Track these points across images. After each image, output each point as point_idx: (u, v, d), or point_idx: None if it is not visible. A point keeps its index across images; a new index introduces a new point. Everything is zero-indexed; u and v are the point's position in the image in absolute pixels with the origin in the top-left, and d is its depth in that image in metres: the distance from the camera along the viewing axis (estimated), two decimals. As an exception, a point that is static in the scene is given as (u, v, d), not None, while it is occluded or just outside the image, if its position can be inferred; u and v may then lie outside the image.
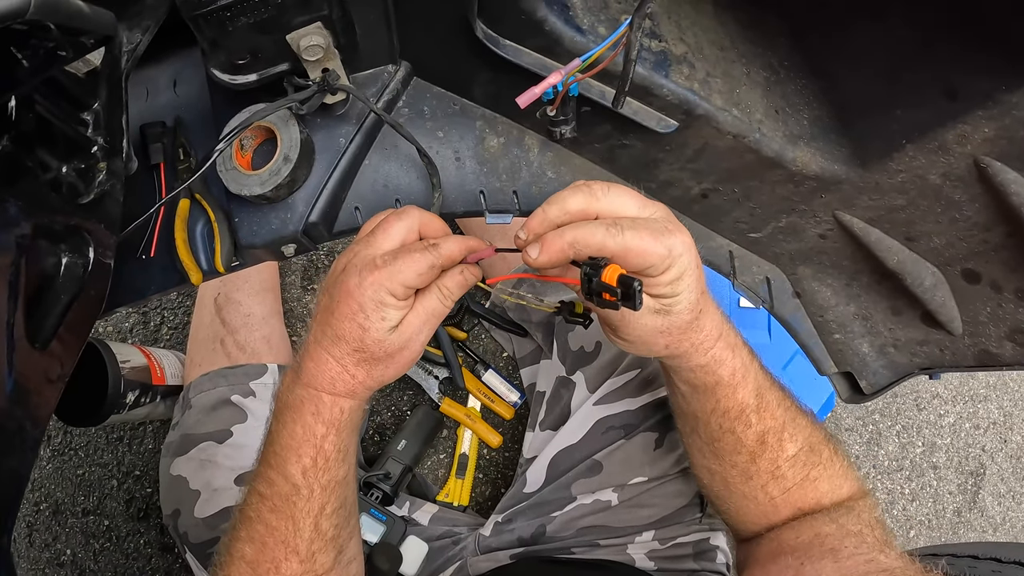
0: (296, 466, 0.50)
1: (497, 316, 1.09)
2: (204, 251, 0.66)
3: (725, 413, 0.53)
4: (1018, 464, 1.44)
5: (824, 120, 0.59)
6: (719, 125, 0.55)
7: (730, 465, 0.56)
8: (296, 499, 0.50)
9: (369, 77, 0.61)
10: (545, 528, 0.81)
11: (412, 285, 0.47)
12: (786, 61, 0.60)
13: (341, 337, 0.48)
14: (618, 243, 0.41)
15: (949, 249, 0.63)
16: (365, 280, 0.46)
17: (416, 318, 0.49)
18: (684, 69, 0.53)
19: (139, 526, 1.18)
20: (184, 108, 0.67)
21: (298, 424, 0.50)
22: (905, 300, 0.71)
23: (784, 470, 0.55)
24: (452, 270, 0.50)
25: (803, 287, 0.77)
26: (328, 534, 0.52)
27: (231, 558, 0.52)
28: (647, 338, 0.47)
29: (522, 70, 0.52)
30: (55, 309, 0.43)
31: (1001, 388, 1.46)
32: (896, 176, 0.57)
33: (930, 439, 1.38)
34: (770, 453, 0.54)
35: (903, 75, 0.53)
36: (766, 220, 0.68)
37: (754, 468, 0.55)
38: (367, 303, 0.46)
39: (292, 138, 0.56)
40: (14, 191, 0.39)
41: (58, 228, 0.43)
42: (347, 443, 0.52)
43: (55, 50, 0.32)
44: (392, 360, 0.49)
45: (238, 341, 0.97)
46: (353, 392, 0.50)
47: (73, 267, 0.44)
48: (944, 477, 1.37)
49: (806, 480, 0.55)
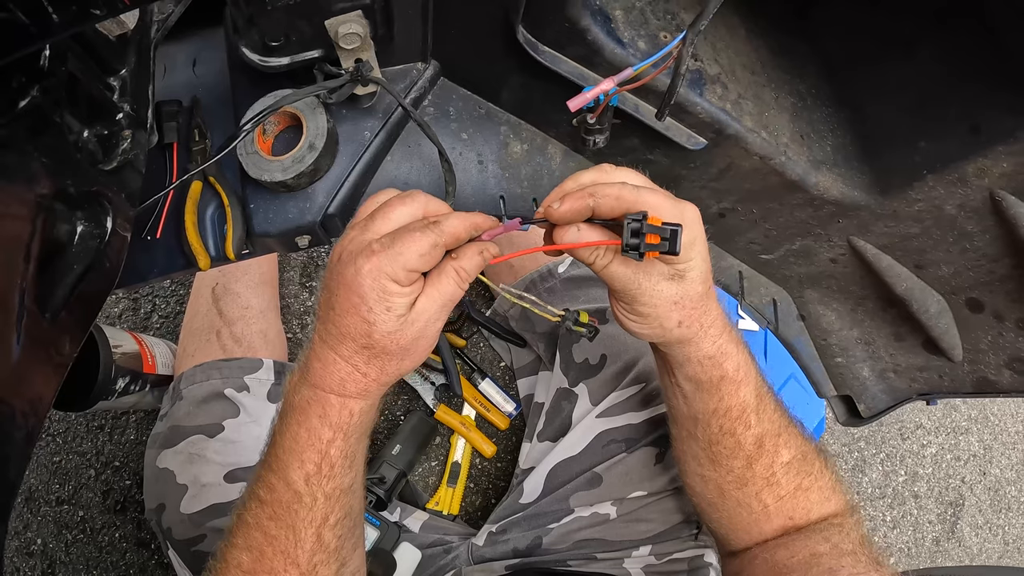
0: (299, 472, 0.47)
1: (497, 325, 1.09)
2: (213, 236, 0.64)
3: (727, 412, 0.52)
4: (996, 496, 1.47)
5: (848, 148, 0.60)
6: (747, 146, 0.55)
7: (726, 471, 0.55)
8: (298, 507, 0.47)
9: (398, 72, 0.60)
10: (541, 540, 0.80)
11: (415, 268, 0.43)
12: (814, 89, 0.61)
13: (346, 334, 0.44)
14: (635, 196, 0.42)
15: (956, 278, 0.65)
16: (362, 268, 0.42)
17: (430, 303, 0.44)
18: (718, 89, 0.54)
19: (115, 519, 1.15)
20: (202, 88, 0.66)
21: (303, 427, 0.47)
22: (908, 327, 0.72)
23: (779, 476, 0.55)
24: (469, 249, 0.46)
25: (809, 310, 0.78)
26: (331, 546, 0.49)
27: (226, 565, 0.49)
28: (662, 311, 0.46)
29: (557, 78, 0.52)
30: (67, 279, 0.41)
31: (982, 421, 1.50)
32: (914, 205, 0.58)
33: (912, 468, 1.40)
34: (766, 458, 0.54)
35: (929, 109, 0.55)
36: (780, 242, 0.69)
37: (750, 473, 0.54)
38: (368, 293, 0.42)
39: (319, 126, 0.56)
40: (38, 145, 0.38)
41: (77, 193, 0.41)
42: (355, 449, 0.49)
43: (89, 4, 0.31)
44: (407, 352, 0.45)
45: (234, 333, 0.95)
46: (365, 392, 0.47)
47: (88, 236, 0.42)
48: (924, 506, 1.39)
49: (799, 489, 0.55)
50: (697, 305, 0.47)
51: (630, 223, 0.40)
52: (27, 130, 0.37)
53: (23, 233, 0.36)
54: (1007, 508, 1.49)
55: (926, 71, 0.53)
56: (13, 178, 0.35)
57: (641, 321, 0.48)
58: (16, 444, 0.36)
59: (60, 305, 0.39)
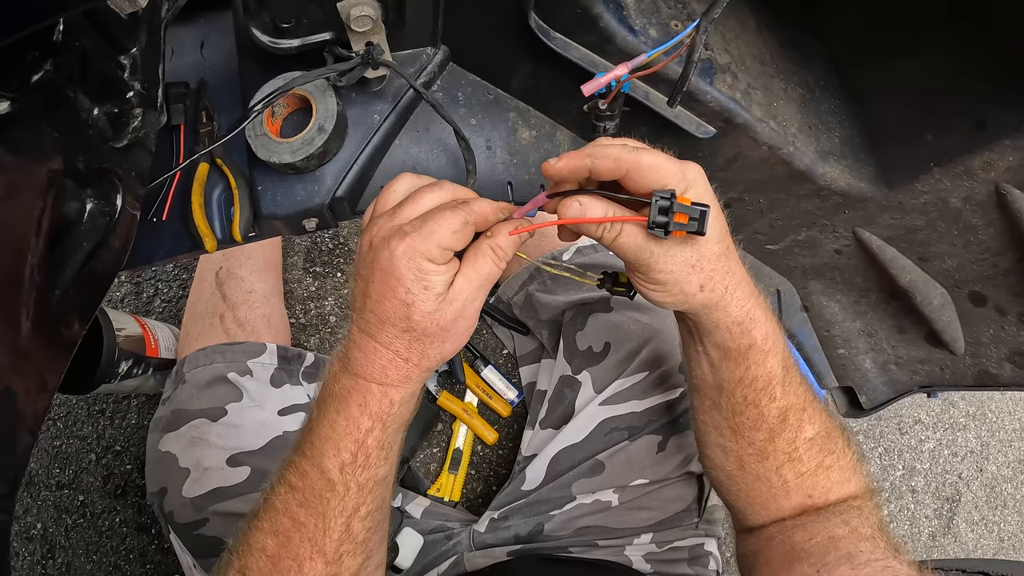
0: (334, 460, 0.46)
1: (500, 312, 1.09)
2: (220, 219, 0.63)
3: (752, 382, 0.51)
4: (992, 493, 1.48)
5: (855, 140, 0.60)
6: (756, 135, 0.56)
7: (747, 442, 0.54)
8: (330, 496, 0.47)
9: (408, 57, 0.60)
10: (543, 526, 0.81)
11: (449, 246, 0.43)
12: (822, 81, 0.61)
13: (386, 320, 0.44)
14: (633, 157, 0.41)
15: (960, 271, 0.65)
16: (396, 250, 0.43)
17: (468, 283, 0.45)
18: (728, 78, 0.54)
19: (115, 504, 1.15)
20: (209, 71, 0.66)
21: (341, 415, 0.47)
22: (911, 319, 0.73)
23: (801, 452, 0.53)
24: (503, 227, 0.46)
25: (812, 301, 0.78)
26: (359, 537, 0.49)
27: (249, 548, 0.49)
28: (680, 276, 0.45)
29: (568, 65, 0.52)
30: (76, 256, 0.41)
31: (980, 418, 1.50)
32: (920, 197, 0.59)
33: (910, 463, 1.41)
34: (789, 432, 0.53)
35: (935, 103, 0.55)
36: (786, 233, 0.69)
37: (771, 447, 0.53)
38: (405, 275, 0.43)
39: (328, 109, 0.56)
40: (51, 120, 0.38)
41: (87, 169, 0.41)
42: (392, 440, 0.48)
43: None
44: (448, 333, 0.45)
45: (238, 317, 0.95)
46: (407, 379, 0.46)
47: (98, 214, 0.42)
48: (921, 501, 1.40)
49: (820, 467, 0.54)
50: (716, 265, 0.46)
51: (658, 200, 0.40)
52: (40, 105, 0.37)
53: (35, 208, 0.36)
54: (1003, 505, 1.50)
55: (933, 66, 0.54)
56: (26, 152, 0.36)
57: (660, 289, 0.46)
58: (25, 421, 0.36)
59: (69, 282, 0.39)
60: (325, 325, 1.22)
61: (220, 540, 0.77)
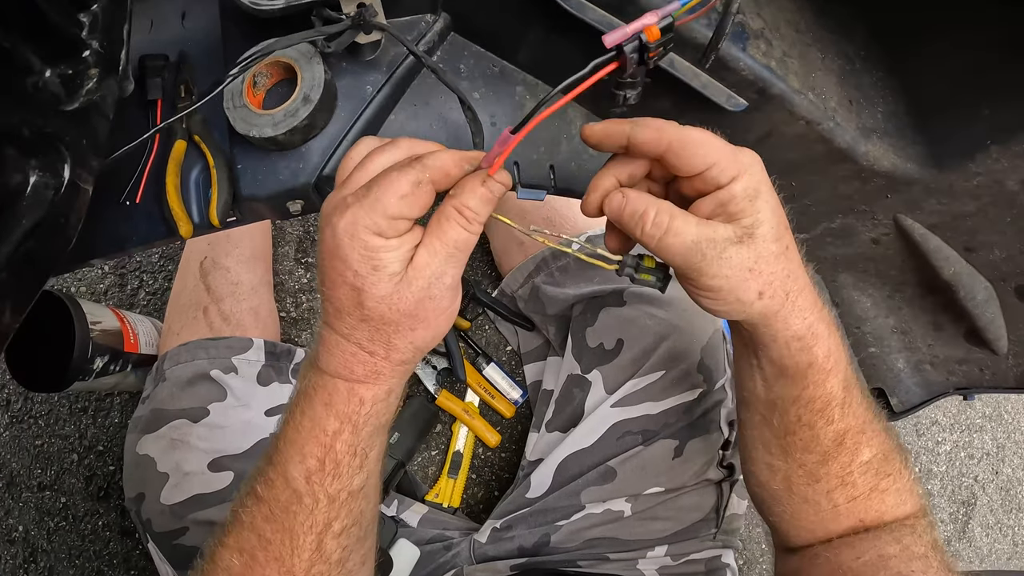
0: (299, 468, 0.41)
1: (504, 307, 1.03)
2: (197, 201, 0.58)
3: (809, 403, 0.46)
4: (1007, 496, 1.43)
5: (901, 115, 0.55)
6: (793, 108, 0.50)
7: (797, 464, 0.49)
8: (297, 509, 0.42)
9: (405, 24, 0.55)
10: (549, 537, 0.75)
11: (398, 214, 0.36)
12: (863, 52, 0.56)
13: (340, 308, 0.39)
14: (678, 131, 0.38)
15: (1008, 263, 0.60)
16: (338, 227, 0.37)
17: (432, 256, 0.38)
18: (761, 45, 0.49)
19: (98, 506, 1.10)
20: (191, 43, 0.61)
21: (306, 416, 0.41)
22: (950, 315, 0.68)
23: (855, 476, 0.49)
24: (469, 183, 0.38)
25: (842, 296, 0.73)
26: (333, 557, 0.43)
27: (215, 567, 0.44)
28: (735, 281, 0.39)
29: (583, 29, 0.47)
30: (12, 234, 0.35)
31: (996, 419, 1.46)
32: (973, 179, 0.53)
33: (927, 465, 1.36)
34: (845, 456, 0.48)
35: (993, 73, 0.50)
36: (818, 220, 0.64)
37: (824, 471, 0.48)
38: (350, 255, 0.37)
39: (315, 77, 0.50)
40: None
41: (31, 137, 0.36)
42: (366, 445, 0.42)
43: None
44: (415, 320, 0.39)
45: (223, 311, 0.90)
46: (376, 374, 0.41)
47: (42, 186, 0.37)
48: (938, 505, 1.35)
49: (874, 490, 0.49)
50: (776, 268, 0.40)
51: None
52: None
53: None
54: (1018, 508, 1.45)
55: (990, 33, 0.48)
56: None
57: (714, 296, 0.40)
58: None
59: (2, 265, 0.33)
60: (318, 319, 1.16)
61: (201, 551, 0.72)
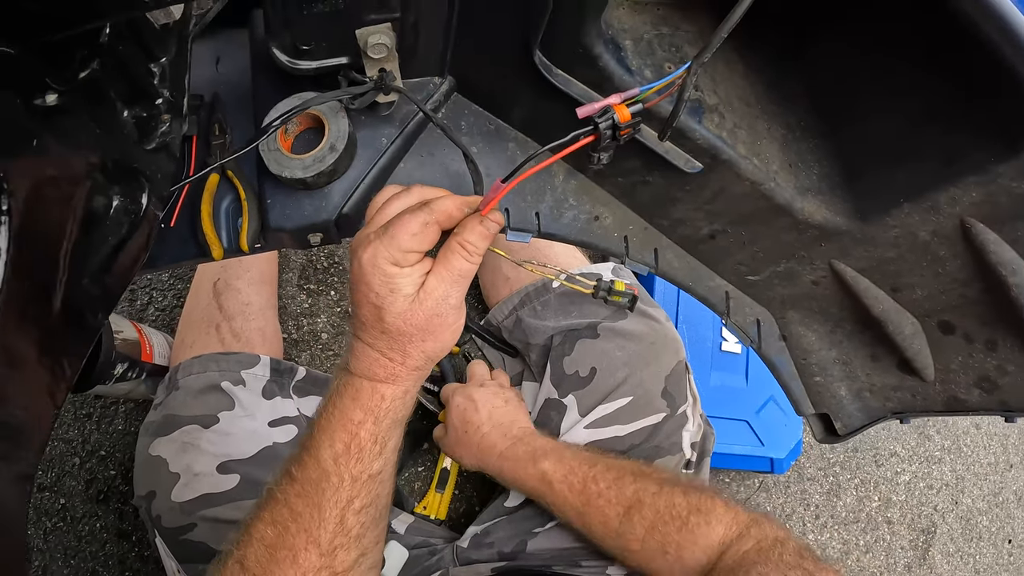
0: (328, 451, 0.49)
1: (491, 334, 1.12)
2: (226, 228, 0.66)
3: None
4: (967, 525, 1.51)
5: (832, 177, 0.64)
6: (740, 171, 0.59)
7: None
8: (325, 486, 0.49)
9: (416, 84, 0.63)
10: (526, 544, 0.82)
11: (410, 248, 0.46)
12: (803, 121, 0.65)
13: (365, 323, 0.48)
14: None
15: (929, 301, 0.68)
16: (363, 258, 0.46)
17: (440, 281, 0.47)
18: (715, 118, 0.58)
19: (97, 509, 1.14)
20: (223, 85, 0.69)
21: (336, 408, 0.49)
22: (884, 347, 0.76)
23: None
24: (470, 223, 0.48)
25: (790, 331, 0.81)
26: (353, 531, 0.50)
27: (250, 538, 0.50)
28: None
29: (567, 99, 0.56)
30: (102, 248, 0.43)
31: (955, 452, 1.54)
32: (891, 231, 0.62)
33: (886, 495, 1.44)
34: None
35: (907, 142, 0.59)
36: (766, 264, 0.73)
37: None
38: (372, 280, 0.46)
39: (340, 129, 0.59)
40: (93, 116, 0.40)
41: (117, 167, 0.43)
42: (385, 435, 0.50)
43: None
44: (426, 332, 0.48)
45: (234, 328, 0.97)
46: (394, 376, 0.49)
47: (123, 211, 0.44)
48: (897, 532, 1.42)
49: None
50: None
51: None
52: (84, 100, 0.40)
53: (72, 196, 0.38)
54: (978, 537, 1.52)
55: (907, 108, 0.57)
56: (69, 142, 0.38)
57: None
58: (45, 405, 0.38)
59: (95, 273, 0.41)
60: (317, 341, 1.23)
61: (206, 546, 0.78)
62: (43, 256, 0.35)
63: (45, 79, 0.35)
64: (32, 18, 0.33)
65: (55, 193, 0.35)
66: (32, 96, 0.35)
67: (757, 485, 1.34)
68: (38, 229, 0.34)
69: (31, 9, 0.32)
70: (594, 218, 0.70)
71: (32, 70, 0.34)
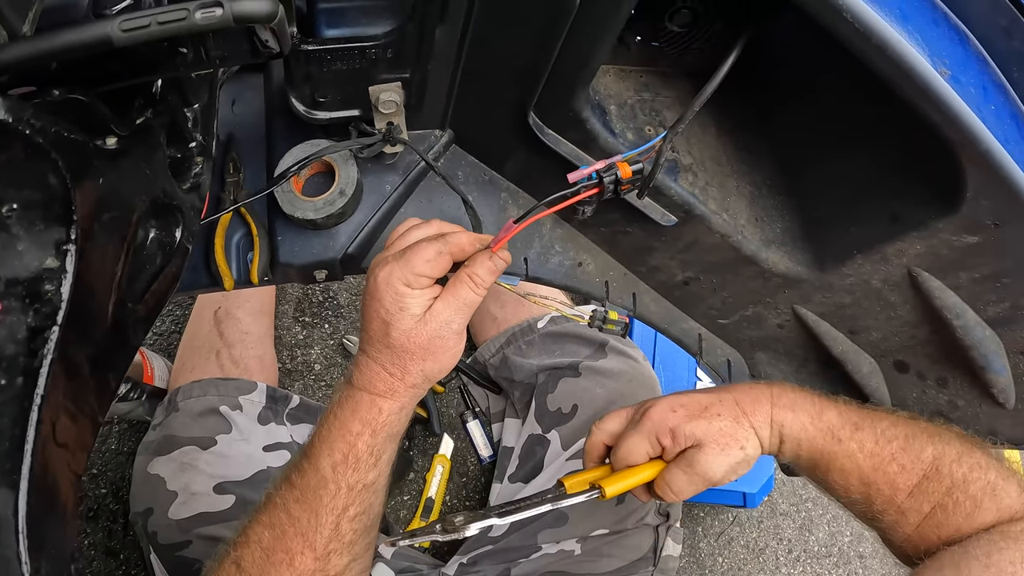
0: (327, 459, 0.51)
1: (476, 372, 1.17)
2: (236, 261, 0.70)
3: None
4: (936, 563, 1.53)
5: (794, 230, 0.70)
6: (711, 225, 0.65)
7: None
8: (323, 493, 0.51)
9: (418, 136, 0.69)
10: (510, 571, 0.85)
11: (423, 272, 0.49)
12: (769, 180, 0.72)
13: (372, 337, 0.51)
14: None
15: (884, 342, 0.73)
16: (379, 276, 0.50)
17: (446, 306, 0.50)
18: (689, 176, 0.64)
19: (86, 526, 1.15)
20: (238, 127, 0.73)
21: (337, 419, 0.52)
22: (845, 386, 0.81)
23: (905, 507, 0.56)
24: (479, 258, 0.51)
25: (759, 371, 0.87)
26: (346, 538, 0.52)
27: (247, 540, 0.53)
28: (728, 466, 0.60)
29: (556, 157, 0.61)
30: (143, 275, 0.47)
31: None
32: (846, 279, 0.68)
33: (858, 530, 1.47)
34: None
35: (859, 201, 0.65)
36: (735, 308, 0.79)
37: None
38: (384, 296, 0.49)
39: (350, 176, 0.64)
40: (145, 158, 0.45)
41: (158, 204, 0.47)
42: (381, 448, 0.53)
43: (213, 55, 0.39)
44: (427, 352, 0.50)
45: (233, 355, 1.01)
46: (392, 391, 0.52)
47: (158, 243, 0.48)
48: (869, 567, 1.46)
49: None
50: (721, 423, 0.59)
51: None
52: (140, 144, 0.44)
53: (127, 229, 0.42)
54: None
55: (859, 169, 0.63)
56: (127, 181, 0.42)
57: (735, 476, 0.59)
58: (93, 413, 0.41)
59: (139, 297, 0.45)
60: (310, 372, 1.27)
61: (201, 564, 0.80)
62: (99, 280, 0.39)
63: (110, 124, 0.40)
64: (107, 73, 0.38)
65: (112, 225, 0.40)
66: (98, 139, 0.39)
67: (731, 519, 1.37)
68: (97, 256, 0.38)
69: (111, 68, 0.37)
70: (578, 264, 0.76)
71: (100, 116, 0.39)
